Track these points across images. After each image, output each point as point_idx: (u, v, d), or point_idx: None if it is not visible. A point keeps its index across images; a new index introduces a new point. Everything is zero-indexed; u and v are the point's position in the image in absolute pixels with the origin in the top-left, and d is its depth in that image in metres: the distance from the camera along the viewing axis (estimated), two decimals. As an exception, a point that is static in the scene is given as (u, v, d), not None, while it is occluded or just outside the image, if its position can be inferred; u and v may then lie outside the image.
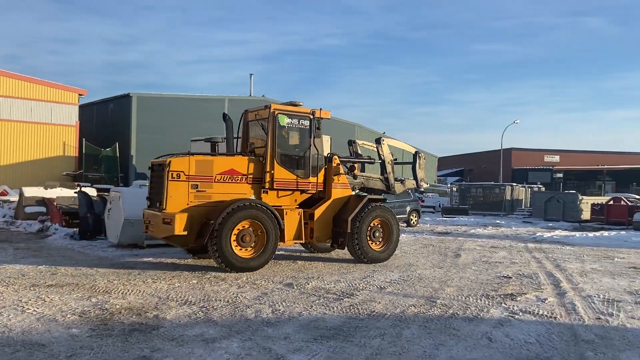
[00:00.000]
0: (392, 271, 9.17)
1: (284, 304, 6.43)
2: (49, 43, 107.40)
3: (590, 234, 18.41)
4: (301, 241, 9.74)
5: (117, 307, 6.07)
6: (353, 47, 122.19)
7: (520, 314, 6.27)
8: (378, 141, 11.36)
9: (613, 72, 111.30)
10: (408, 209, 20.17)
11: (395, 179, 11.53)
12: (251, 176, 9.16)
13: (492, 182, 35.73)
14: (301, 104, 9.71)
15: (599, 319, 6.12)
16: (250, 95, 40.04)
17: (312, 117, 9.57)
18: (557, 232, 19.18)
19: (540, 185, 36.30)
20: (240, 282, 7.79)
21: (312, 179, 9.64)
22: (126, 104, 32.89)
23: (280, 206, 9.32)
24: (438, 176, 51.52)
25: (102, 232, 12.43)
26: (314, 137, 9.56)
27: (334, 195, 9.96)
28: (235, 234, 8.57)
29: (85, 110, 33.61)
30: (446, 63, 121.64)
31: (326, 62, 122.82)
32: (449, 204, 30.90)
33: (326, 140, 21.94)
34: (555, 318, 6.11)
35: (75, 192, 14.54)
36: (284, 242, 9.26)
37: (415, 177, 11.76)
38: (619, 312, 6.49)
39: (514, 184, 34.07)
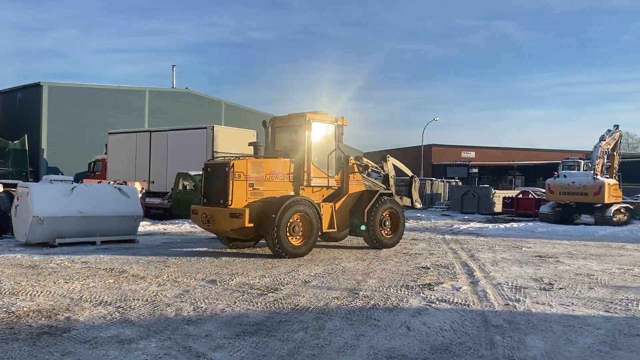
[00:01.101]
0: (316, 265, 9.26)
1: (206, 301, 6.31)
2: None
3: (502, 226, 19.59)
4: (333, 230, 11.10)
5: (25, 309, 5.68)
6: (279, 42, 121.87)
7: (437, 302, 6.56)
8: (384, 158, 13.17)
9: (522, 73, 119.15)
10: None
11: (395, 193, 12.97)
12: (292, 175, 10.68)
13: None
14: (326, 112, 11.26)
15: (508, 305, 6.53)
16: (173, 87, 38.79)
17: (336, 124, 11.18)
18: (472, 224, 20.25)
19: (457, 180, 38.09)
20: (160, 280, 7.55)
21: (337, 177, 11.33)
22: (36, 94, 30.80)
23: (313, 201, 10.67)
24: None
25: (9, 230, 11.64)
26: (338, 141, 11.21)
27: (350, 191, 11.54)
28: (287, 225, 9.91)
29: (-10, 100, 31.08)
30: (371, 60, 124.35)
31: (253, 56, 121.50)
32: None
33: (252, 135, 21.82)
34: (468, 305, 6.44)
35: (-23, 188, 13.44)
36: (322, 231, 10.71)
37: (410, 197, 13.53)
38: (525, 298, 6.95)
39: (434, 178, 35.55)
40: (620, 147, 24.23)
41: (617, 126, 22.88)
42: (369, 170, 12.54)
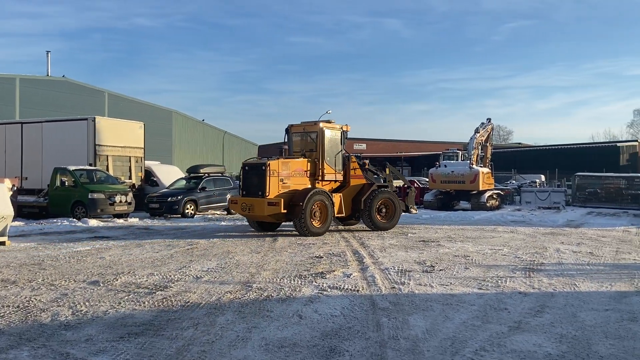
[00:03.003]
0: (209, 260, 9.07)
1: (87, 303, 5.91)
2: None
3: (390, 214, 20.55)
4: (342, 215, 13.67)
5: None
6: (168, 30, 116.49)
7: (329, 290, 6.73)
8: (384, 166, 15.70)
9: (408, 69, 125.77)
10: (228, 196, 20.07)
11: None
12: (309, 172, 13.39)
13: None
14: (334, 121, 14.07)
15: (394, 288, 6.89)
16: (48, 75, 35.68)
17: (341, 130, 13.96)
18: (363, 214, 21.00)
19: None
20: (34, 284, 6.93)
21: (342, 172, 14.00)
22: None
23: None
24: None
25: None
26: (343, 144, 13.97)
27: (352, 183, 14.17)
28: (311, 211, 12.62)
29: None
30: (264, 52, 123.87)
31: (138, 43, 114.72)
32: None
33: (139, 127, 20.75)
34: (358, 291, 6.69)
35: None
36: (333, 216, 13.29)
37: (405, 204, 15.41)
38: (409, 280, 7.38)
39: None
40: (492, 138, 26.58)
41: (489, 119, 25.03)
42: (367, 166, 14.70)
